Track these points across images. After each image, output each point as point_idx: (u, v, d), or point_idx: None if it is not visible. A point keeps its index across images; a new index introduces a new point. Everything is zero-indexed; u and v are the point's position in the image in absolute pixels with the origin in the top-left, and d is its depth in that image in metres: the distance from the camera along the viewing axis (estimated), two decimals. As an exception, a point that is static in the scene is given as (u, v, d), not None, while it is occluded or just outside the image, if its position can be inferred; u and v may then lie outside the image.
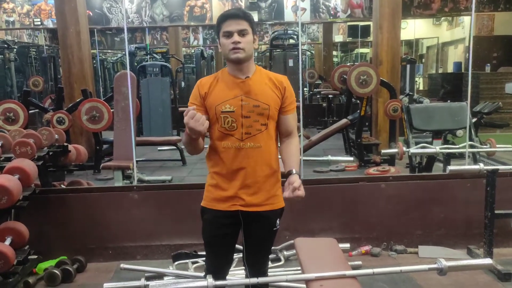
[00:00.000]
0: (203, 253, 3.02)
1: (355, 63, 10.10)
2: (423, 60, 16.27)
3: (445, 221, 3.62)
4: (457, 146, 4.50)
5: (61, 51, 6.73)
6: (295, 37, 10.55)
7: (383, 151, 4.91)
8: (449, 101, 6.79)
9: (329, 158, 6.54)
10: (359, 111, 6.50)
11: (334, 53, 16.05)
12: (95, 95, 7.10)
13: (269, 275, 3.10)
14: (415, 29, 13.61)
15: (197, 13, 9.51)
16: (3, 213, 3.07)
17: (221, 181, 1.98)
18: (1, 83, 11.23)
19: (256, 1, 9.27)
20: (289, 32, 10.72)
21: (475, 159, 4.86)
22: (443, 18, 12.96)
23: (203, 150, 2.02)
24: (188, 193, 3.50)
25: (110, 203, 3.57)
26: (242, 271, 2.95)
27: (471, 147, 4.45)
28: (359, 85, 6.14)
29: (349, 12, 9.51)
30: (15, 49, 11.35)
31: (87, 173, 5.97)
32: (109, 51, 16.86)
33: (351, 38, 14.65)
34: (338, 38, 15.34)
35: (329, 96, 10.29)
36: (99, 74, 13.45)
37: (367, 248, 3.55)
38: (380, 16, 6.79)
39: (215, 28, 1.99)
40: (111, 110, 5.63)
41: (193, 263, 3.33)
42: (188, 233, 3.47)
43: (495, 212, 3.21)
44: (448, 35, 13.81)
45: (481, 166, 3.28)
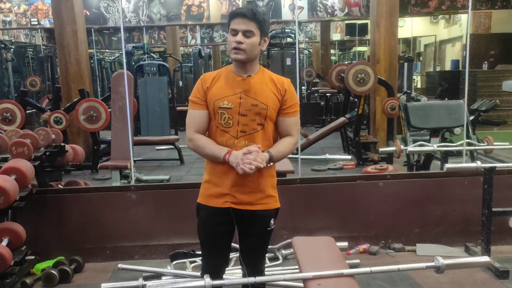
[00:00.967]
0: (200, 252, 3.01)
1: (353, 62, 10.11)
2: (421, 58, 16.30)
3: (443, 219, 3.63)
4: (455, 144, 4.50)
5: (58, 50, 6.71)
6: (293, 35, 10.53)
7: (381, 149, 4.92)
8: (446, 99, 6.80)
9: (327, 156, 6.54)
10: (357, 110, 6.51)
11: (332, 51, 16.07)
12: (92, 95, 7.08)
13: (267, 274, 3.10)
14: (412, 27, 13.61)
15: (195, 12, 9.50)
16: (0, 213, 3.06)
17: (215, 177, 2.00)
18: (-2, 83, 11.20)
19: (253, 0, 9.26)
20: (286, 30, 10.71)
21: (473, 157, 4.87)
22: (440, 16, 12.98)
23: None
24: (186, 193, 3.49)
25: (107, 203, 3.56)
26: (240, 271, 2.95)
27: (469, 145, 4.45)
28: (356, 84, 6.15)
29: (346, 10, 9.50)
30: (12, 49, 11.34)
31: (84, 173, 5.95)
32: (107, 50, 16.85)
33: (348, 36, 14.68)
34: (335, 36, 15.35)
35: (327, 94, 10.30)
36: (97, 73, 13.44)
37: (365, 246, 3.55)
38: (377, 14, 6.80)
39: (227, 21, 1.97)
40: (109, 109, 5.61)
41: (191, 262, 3.32)
42: (186, 232, 3.46)
43: (493, 210, 3.21)
44: (445, 33, 13.83)
45: (479, 164, 3.28)
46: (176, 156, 6.83)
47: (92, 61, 11.90)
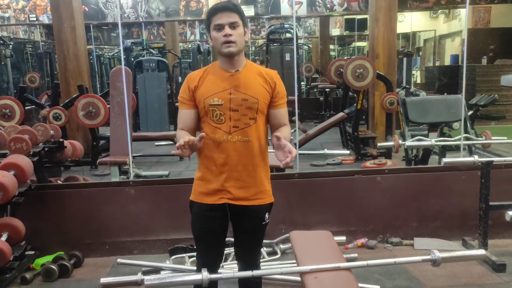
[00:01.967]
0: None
1: (352, 57, 10.10)
2: (420, 53, 16.26)
3: (441, 213, 3.64)
4: (453, 138, 4.51)
5: (56, 46, 6.71)
6: (292, 31, 10.52)
7: (379, 144, 4.93)
8: (445, 94, 6.80)
9: (326, 151, 6.55)
10: (355, 105, 6.51)
11: (331, 47, 16.04)
12: (91, 91, 7.08)
13: (264, 268, 3.12)
14: (412, 22, 13.59)
15: (193, 8, 9.48)
16: (-1, 209, 3.07)
17: (208, 174, 1.99)
18: (-3, 80, 11.20)
19: (252, -5, 9.25)
20: (285, 26, 10.69)
21: (471, 152, 4.88)
22: (440, 11, 12.94)
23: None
24: (185, 188, 3.44)
25: (106, 198, 3.57)
26: (235, 265, 2.96)
27: (467, 139, 4.46)
28: (355, 79, 6.15)
29: (345, 5, 9.49)
30: (11, 45, 11.32)
31: (83, 169, 5.97)
32: (106, 46, 16.81)
33: (348, 31, 14.64)
34: (335, 31, 15.32)
35: (326, 90, 10.30)
36: (96, 69, 13.41)
37: (363, 240, 3.56)
38: (376, 9, 6.78)
39: (205, 22, 1.98)
40: (108, 105, 5.62)
41: (190, 257, 3.33)
42: (184, 227, 3.45)
43: (490, 203, 3.22)
44: (445, 28, 13.79)
45: (476, 158, 3.29)
46: (175, 151, 6.82)
47: (91, 57, 11.89)
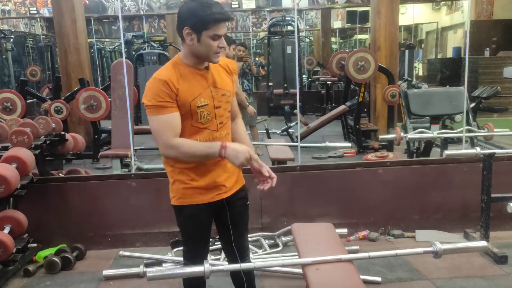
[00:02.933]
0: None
1: (354, 49, 10.05)
2: (422, 45, 16.19)
3: (442, 205, 3.64)
4: (455, 131, 4.50)
5: (57, 40, 6.68)
6: (294, 23, 10.46)
7: (381, 137, 4.91)
8: (448, 86, 6.77)
9: (328, 144, 6.51)
10: (357, 97, 6.49)
11: (332, 39, 15.95)
12: (92, 84, 7.07)
13: (266, 260, 3.13)
14: (414, 14, 13.52)
15: (194, 0, 9.42)
16: (1, 202, 3.08)
17: (198, 174, 1.92)
18: (-2, 73, 11.19)
19: (253, -13, 9.19)
20: (287, 18, 10.63)
21: (473, 144, 4.87)
22: (442, 2, 12.87)
23: None
24: (186, 181, 3.49)
25: (108, 191, 3.58)
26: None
27: (469, 131, 4.44)
28: (357, 71, 6.12)
29: (347, -3, 9.44)
30: (11, 39, 11.30)
31: (85, 162, 5.98)
32: (107, 39, 16.78)
33: (349, 24, 14.58)
34: (336, 24, 15.25)
35: (328, 82, 10.26)
36: (97, 63, 13.39)
37: (364, 233, 3.57)
38: (378, 1, 6.74)
39: (198, 22, 1.78)
40: (109, 99, 5.61)
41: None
42: (186, 220, 3.48)
43: (492, 195, 3.22)
44: (447, 20, 13.72)
45: (478, 150, 3.28)
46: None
47: (92, 50, 11.86)
